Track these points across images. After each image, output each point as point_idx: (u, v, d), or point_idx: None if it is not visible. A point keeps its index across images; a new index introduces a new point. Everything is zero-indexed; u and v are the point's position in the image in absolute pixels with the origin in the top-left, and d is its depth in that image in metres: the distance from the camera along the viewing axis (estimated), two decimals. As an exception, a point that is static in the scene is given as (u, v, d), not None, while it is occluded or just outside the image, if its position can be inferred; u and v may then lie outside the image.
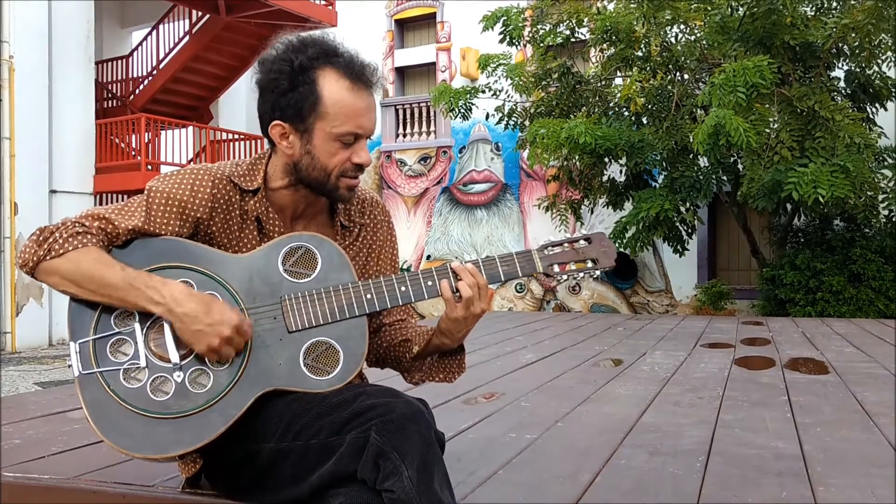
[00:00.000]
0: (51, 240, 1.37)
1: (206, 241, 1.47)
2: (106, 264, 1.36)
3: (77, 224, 1.38)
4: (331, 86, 1.40)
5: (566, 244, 1.51)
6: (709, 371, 3.59)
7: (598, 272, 1.52)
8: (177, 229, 1.43)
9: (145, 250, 1.41)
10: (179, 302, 1.34)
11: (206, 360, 1.36)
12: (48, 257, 1.36)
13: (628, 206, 9.38)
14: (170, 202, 1.43)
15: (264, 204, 1.50)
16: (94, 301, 1.37)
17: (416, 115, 13.71)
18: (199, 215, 1.45)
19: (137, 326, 1.38)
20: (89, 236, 1.38)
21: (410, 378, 1.63)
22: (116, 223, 1.40)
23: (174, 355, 1.37)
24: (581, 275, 1.51)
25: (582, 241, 1.51)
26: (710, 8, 8.19)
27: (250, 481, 1.43)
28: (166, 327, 1.37)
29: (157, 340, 1.38)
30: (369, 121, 1.44)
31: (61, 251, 1.36)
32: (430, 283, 1.46)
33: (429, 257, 13.55)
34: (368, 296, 1.44)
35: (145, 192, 1.44)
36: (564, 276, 1.50)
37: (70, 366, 1.37)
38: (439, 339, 1.54)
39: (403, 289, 1.46)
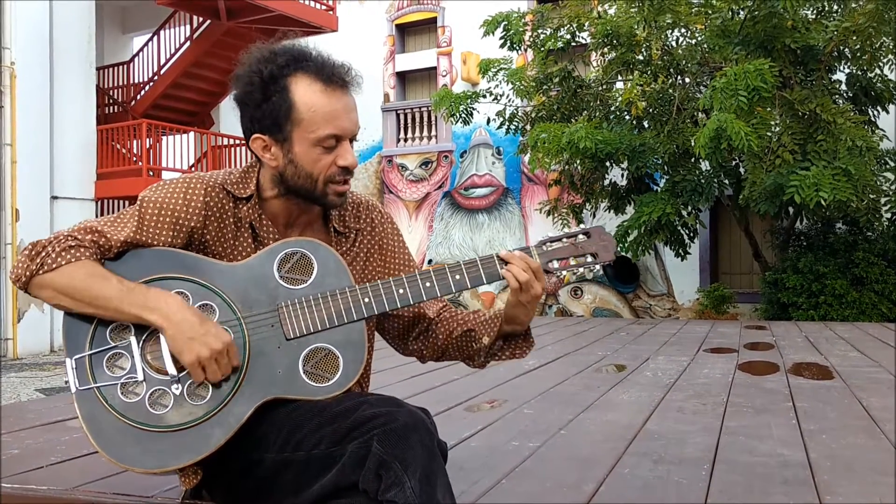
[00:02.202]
0: (43, 254, 1.35)
1: (201, 249, 1.46)
2: (102, 277, 1.35)
3: (69, 238, 1.37)
4: (303, 91, 1.40)
5: (565, 239, 1.49)
6: (712, 376, 3.56)
7: (597, 267, 1.50)
8: (170, 239, 1.42)
9: (139, 261, 1.39)
10: (176, 311, 1.33)
11: (191, 380, 1.33)
12: (41, 271, 1.35)
13: (630, 209, 9.36)
14: (163, 212, 1.42)
15: (257, 211, 1.49)
16: (87, 314, 1.36)
17: (417, 119, 13.70)
18: (192, 224, 1.44)
19: (133, 340, 1.36)
20: (82, 249, 1.36)
21: (473, 363, 1.62)
22: (109, 236, 1.38)
23: (171, 367, 1.35)
24: (581, 270, 1.49)
25: (581, 236, 1.49)
26: (710, 11, 8.19)
27: (251, 492, 1.41)
28: (163, 339, 1.35)
29: (154, 353, 1.36)
30: (348, 121, 1.43)
31: (54, 265, 1.34)
32: (427, 284, 1.44)
33: (430, 262, 13.53)
34: (366, 300, 1.42)
35: (138, 202, 1.43)
36: (564, 272, 1.49)
37: (67, 382, 1.35)
38: (510, 327, 1.54)
39: (402, 291, 1.44)
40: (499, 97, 9.63)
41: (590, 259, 1.48)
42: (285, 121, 1.40)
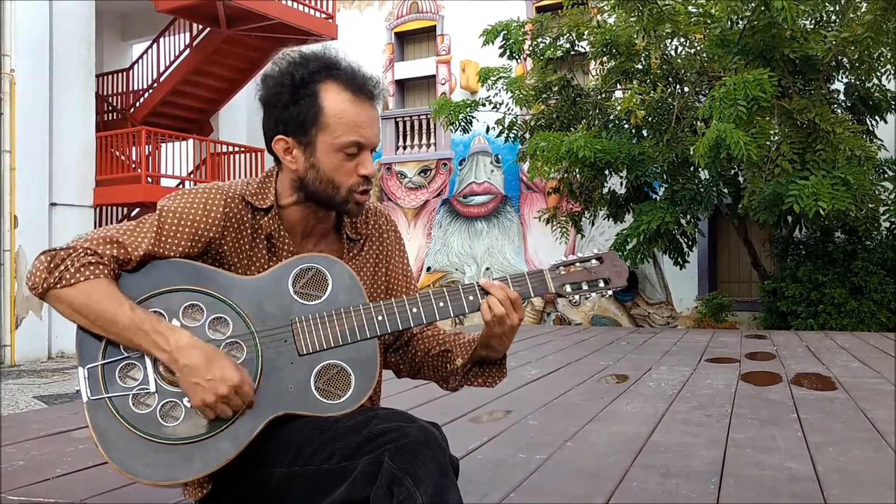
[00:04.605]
0: (62, 267, 1.33)
1: (216, 259, 1.45)
2: (117, 302, 1.33)
3: (89, 251, 1.35)
4: (332, 98, 1.41)
5: (578, 263, 1.49)
6: (716, 387, 3.56)
7: (609, 291, 1.51)
8: (188, 249, 1.41)
9: (154, 273, 1.39)
10: (184, 352, 1.32)
11: (202, 414, 1.33)
12: (59, 286, 1.33)
13: (629, 218, 9.38)
14: (182, 222, 1.41)
15: (277, 221, 1.48)
16: (101, 334, 1.35)
17: (416, 127, 13.73)
18: (211, 235, 1.43)
19: None
20: (101, 266, 1.35)
21: (447, 385, 1.61)
22: (129, 250, 1.38)
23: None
24: (593, 294, 1.49)
25: (593, 261, 1.50)
26: (710, 21, 8.22)
27: (261, 507, 1.40)
28: None
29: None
30: (372, 132, 1.44)
31: (72, 280, 1.33)
32: (441, 304, 1.44)
33: (429, 269, 13.52)
34: (380, 317, 1.42)
35: (157, 211, 1.42)
36: (577, 297, 1.49)
37: (78, 391, 1.34)
38: (484, 352, 1.53)
39: (415, 310, 1.44)
40: (498, 105, 9.65)
41: (602, 284, 1.48)
42: (311, 125, 1.41)
